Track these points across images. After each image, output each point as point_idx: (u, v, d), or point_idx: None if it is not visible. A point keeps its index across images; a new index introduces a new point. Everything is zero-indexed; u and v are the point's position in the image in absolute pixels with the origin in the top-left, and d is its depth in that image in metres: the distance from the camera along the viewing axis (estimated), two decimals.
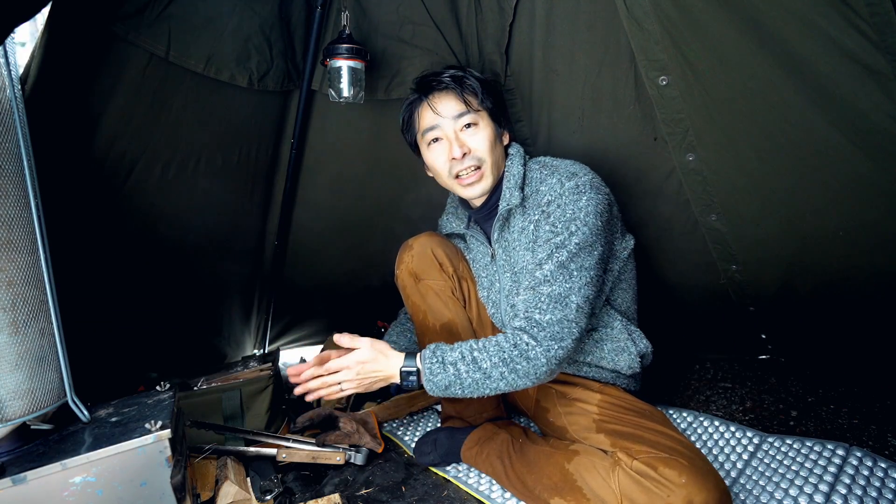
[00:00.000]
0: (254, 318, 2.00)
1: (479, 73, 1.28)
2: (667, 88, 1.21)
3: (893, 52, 0.86)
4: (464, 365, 1.05)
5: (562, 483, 1.07)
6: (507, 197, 1.20)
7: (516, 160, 1.24)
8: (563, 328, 1.04)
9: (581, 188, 1.11)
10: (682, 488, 0.90)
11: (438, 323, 1.35)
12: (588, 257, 1.09)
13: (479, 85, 1.22)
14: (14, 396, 0.87)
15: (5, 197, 0.86)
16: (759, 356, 1.76)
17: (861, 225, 1.16)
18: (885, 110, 0.94)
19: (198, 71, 1.32)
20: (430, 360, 1.07)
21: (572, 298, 1.05)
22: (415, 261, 1.36)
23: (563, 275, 1.07)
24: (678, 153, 1.29)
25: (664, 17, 1.12)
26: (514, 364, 1.03)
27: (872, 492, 1.07)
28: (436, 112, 1.22)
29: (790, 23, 0.95)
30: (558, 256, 1.08)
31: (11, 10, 0.80)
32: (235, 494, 1.21)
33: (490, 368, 1.04)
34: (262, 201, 1.72)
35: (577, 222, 1.09)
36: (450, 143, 1.21)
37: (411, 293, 1.38)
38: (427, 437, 1.37)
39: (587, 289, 1.07)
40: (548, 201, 1.13)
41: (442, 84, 1.22)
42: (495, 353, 1.05)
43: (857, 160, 1.04)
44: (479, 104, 1.22)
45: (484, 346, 1.07)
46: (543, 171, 1.20)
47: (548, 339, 1.03)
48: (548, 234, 1.11)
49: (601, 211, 1.12)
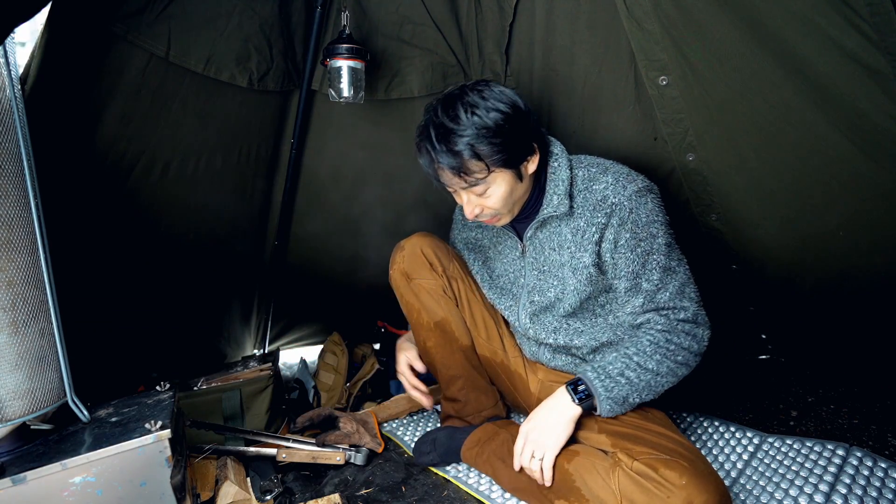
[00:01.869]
0: (254, 318, 2.00)
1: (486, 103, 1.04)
2: (667, 88, 1.21)
3: (893, 52, 0.86)
4: (631, 371, 1.07)
5: (562, 483, 1.06)
6: (553, 204, 1.13)
7: (563, 163, 1.15)
8: (698, 315, 1.11)
9: (643, 191, 1.10)
10: (683, 490, 0.90)
11: (433, 321, 1.35)
12: (675, 251, 1.13)
13: (487, 147, 1.03)
14: (14, 396, 0.87)
15: (5, 197, 0.86)
16: (759, 356, 1.76)
17: (861, 225, 1.16)
18: (885, 110, 0.94)
19: (198, 71, 1.32)
20: (597, 379, 1.07)
21: (689, 288, 1.12)
22: (406, 261, 1.36)
23: (670, 275, 1.10)
24: (678, 153, 1.29)
25: (664, 17, 1.12)
26: (674, 356, 1.07)
27: (872, 492, 1.07)
28: (440, 180, 1.12)
29: (790, 23, 0.95)
30: (657, 262, 1.09)
31: (11, 10, 0.80)
32: (235, 494, 1.21)
33: (657, 366, 1.07)
34: (262, 201, 1.72)
35: (655, 224, 1.09)
36: (462, 201, 1.14)
37: (405, 292, 1.38)
38: (426, 436, 1.37)
39: (690, 278, 1.13)
40: (612, 204, 1.08)
41: (440, 163, 1.07)
42: (654, 351, 1.08)
43: (857, 160, 1.04)
44: (487, 171, 1.06)
45: (637, 349, 1.09)
46: (592, 169, 1.14)
47: (688, 323, 1.10)
48: (631, 242, 1.08)
49: (664, 208, 1.13)
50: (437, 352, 1.36)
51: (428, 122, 1.09)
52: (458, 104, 1.05)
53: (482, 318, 1.38)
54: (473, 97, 1.05)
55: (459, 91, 1.08)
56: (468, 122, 1.03)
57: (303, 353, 2.21)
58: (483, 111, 1.03)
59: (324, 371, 1.82)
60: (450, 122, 1.04)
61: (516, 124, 1.05)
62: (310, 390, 1.86)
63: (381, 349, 1.96)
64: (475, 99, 1.05)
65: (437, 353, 1.37)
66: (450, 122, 1.04)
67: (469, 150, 1.03)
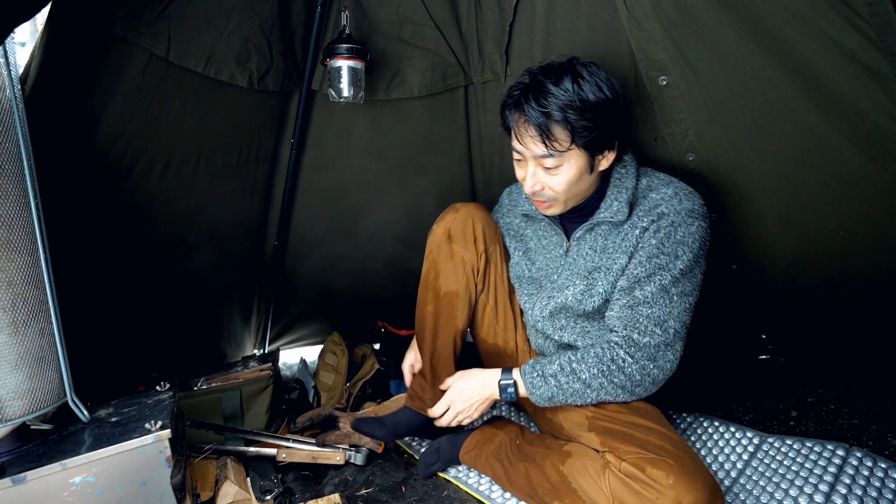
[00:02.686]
0: (254, 318, 2.00)
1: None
2: (667, 88, 1.21)
3: (893, 52, 0.86)
4: (563, 376, 1.11)
5: (560, 484, 1.07)
6: (613, 209, 1.12)
7: (631, 171, 1.15)
8: (658, 352, 1.07)
9: (695, 213, 1.08)
10: (671, 489, 0.90)
11: (444, 289, 1.30)
12: (688, 283, 1.08)
13: (579, 119, 1.02)
14: (14, 396, 0.87)
15: (5, 197, 0.86)
16: (759, 356, 1.76)
17: (861, 225, 1.16)
18: (885, 110, 0.94)
19: (198, 71, 1.32)
20: (530, 374, 1.15)
21: (671, 323, 1.07)
22: (456, 223, 1.30)
23: (664, 299, 1.07)
24: (678, 153, 1.29)
25: (664, 17, 1.12)
26: (612, 376, 1.08)
27: (872, 492, 1.07)
28: (520, 141, 1.10)
29: (790, 23, 0.95)
30: (661, 280, 1.06)
31: (11, 10, 0.80)
32: (235, 494, 1.21)
33: (590, 379, 1.09)
34: (262, 201, 1.72)
35: (685, 247, 1.07)
36: (526, 173, 1.12)
37: (435, 249, 1.31)
38: (430, 448, 1.35)
39: (685, 315, 1.09)
40: (661, 213, 1.08)
41: (529, 117, 1.05)
42: (594, 365, 1.09)
43: (857, 160, 1.04)
44: (570, 143, 1.04)
45: (582, 356, 1.11)
46: (654, 180, 1.14)
47: (644, 358, 1.07)
48: (653, 250, 1.07)
49: (706, 239, 1.10)
50: (431, 320, 1.31)
51: (528, 79, 1.09)
52: (566, 72, 1.05)
53: (504, 307, 1.35)
54: (582, 70, 1.05)
55: (568, 62, 1.07)
56: (571, 89, 1.03)
57: (303, 353, 2.21)
58: (588, 85, 1.03)
59: (324, 371, 1.82)
60: (552, 85, 1.04)
61: (612, 112, 1.06)
62: (310, 390, 1.86)
63: (381, 349, 1.96)
64: (584, 72, 1.04)
65: (430, 321, 1.32)
66: (552, 85, 1.04)
67: (561, 113, 1.02)
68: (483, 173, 1.80)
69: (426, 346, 1.32)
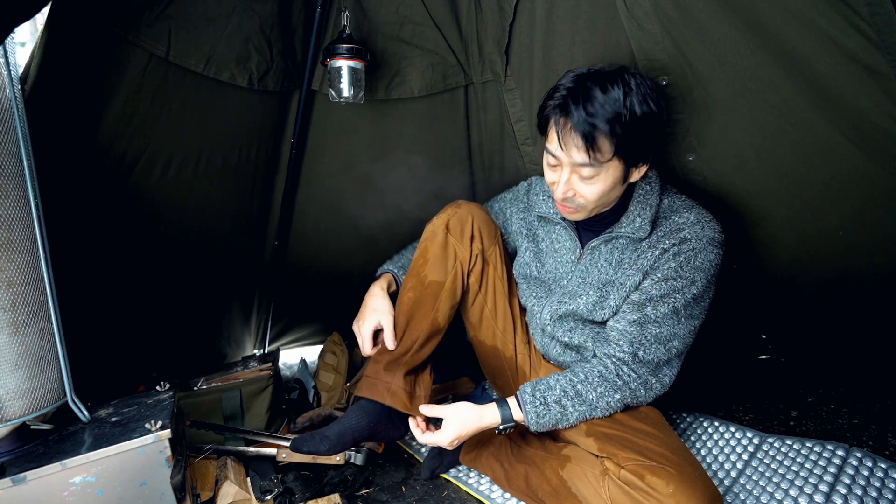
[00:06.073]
0: (254, 318, 2.00)
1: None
2: (667, 88, 1.21)
3: (893, 52, 0.86)
4: (568, 400, 1.09)
5: (560, 488, 1.07)
6: (635, 225, 1.13)
7: (655, 188, 1.15)
8: (660, 369, 1.10)
9: (715, 241, 1.09)
10: (670, 498, 0.90)
11: (429, 278, 1.26)
12: (697, 308, 1.10)
13: (626, 132, 0.99)
14: (14, 396, 0.88)
15: (5, 197, 0.86)
16: (759, 356, 1.76)
17: (861, 224, 1.16)
18: (886, 110, 0.94)
19: (198, 71, 1.32)
20: (531, 403, 1.10)
21: (674, 343, 1.09)
22: (455, 218, 1.29)
23: (674, 320, 1.08)
24: (678, 153, 1.29)
25: (664, 17, 1.12)
26: (616, 392, 1.08)
27: (872, 492, 1.07)
28: (561, 146, 1.05)
29: (790, 23, 0.95)
30: (674, 302, 1.08)
31: (11, 10, 0.80)
32: (235, 494, 1.21)
33: (596, 399, 1.08)
34: (262, 201, 1.72)
35: (702, 274, 1.08)
36: (559, 179, 1.09)
37: (431, 237, 1.29)
38: (432, 451, 1.35)
39: (689, 337, 1.11)
40: (683, 238, 1.08)
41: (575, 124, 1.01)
42: (599, 384, 1.09)
43: (857, 160, 1.04)
44: (612, 155, 1.01)
45: (585, 376, 1.10)
46: (677, 202, 1.15)
47: (647, 374, 1.09)
48: (671, 272, 1.08)
49: (720, 266, 1.12)
50: (409, 306, 1.27)
51: (574, 83, 1.04)
52: (615, 81, 1.01)
53: (503, 309, 1.34)
54: (630, 80, 1.02)
55: (617, 70, 1.04)
56: (620, 101, 1.00)
57: (303, 353, 2.21)
58: (636, 97, 1.01)
59: (324, 371, 1.82)
60: (601, 93, 1.00)
61: (654, 126, 1.04)
62: (310, 390, 1.86)
63: None
64: (632, 83, 1.01)
65: (408, 307, 1.27)
66: (601, 93, 1.00)
67: (608, 126, 0.99)
68: (483, 173, 1.80)
69: (398, 332, 1.26)
